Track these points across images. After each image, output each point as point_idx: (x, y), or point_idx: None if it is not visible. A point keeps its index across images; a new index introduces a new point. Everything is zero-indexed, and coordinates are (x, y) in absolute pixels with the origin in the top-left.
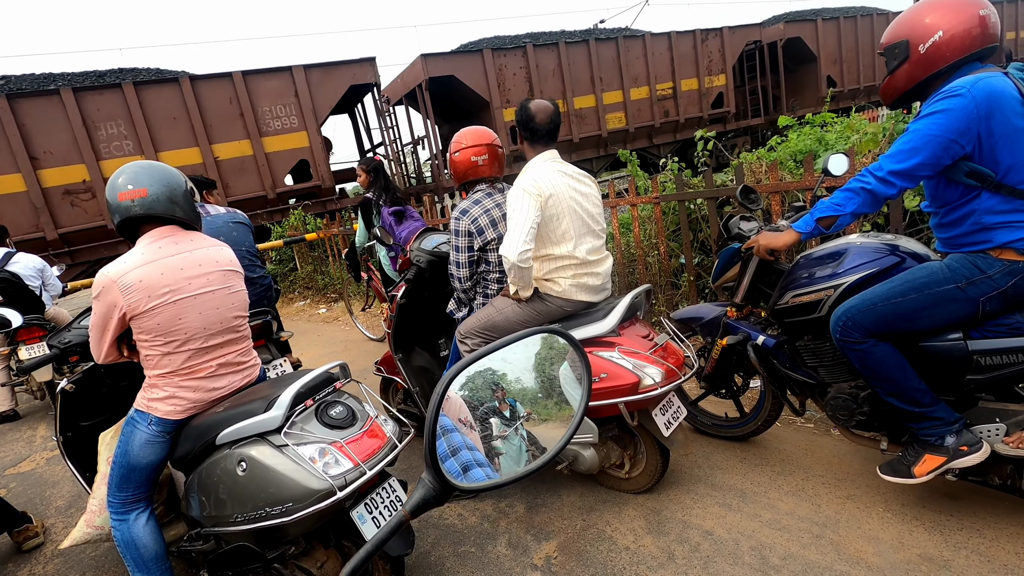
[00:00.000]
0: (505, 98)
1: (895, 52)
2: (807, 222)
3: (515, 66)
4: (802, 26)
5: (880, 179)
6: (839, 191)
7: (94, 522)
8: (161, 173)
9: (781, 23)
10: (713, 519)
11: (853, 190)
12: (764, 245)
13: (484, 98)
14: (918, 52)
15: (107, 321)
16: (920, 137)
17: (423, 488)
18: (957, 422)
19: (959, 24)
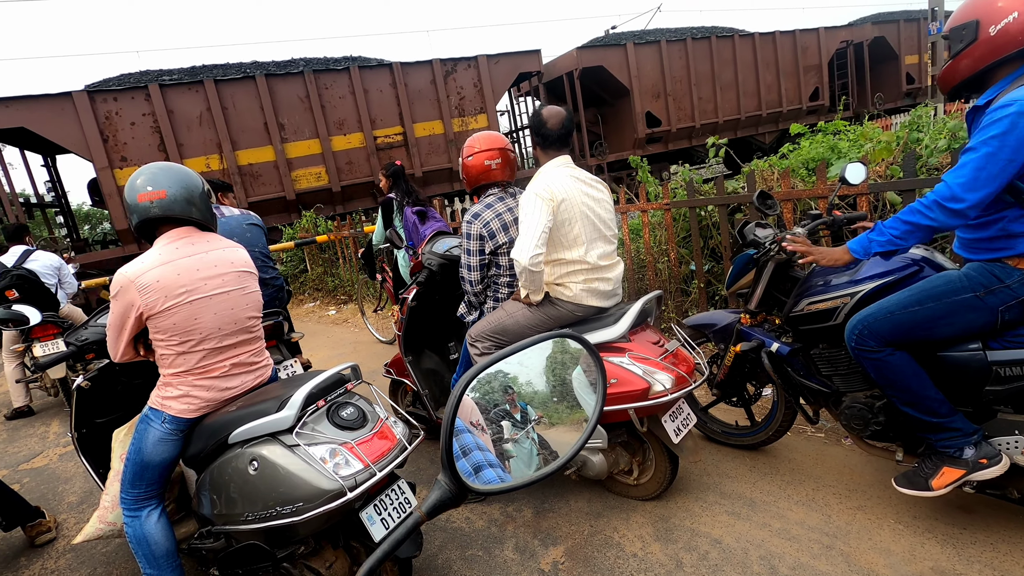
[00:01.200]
0: (641, 86)
1: (962, 33)
2: (865, 250)
3: (651, 57)
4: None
5: (954, 212)
6: (900, 222)
7: (106, 518)
8: (179, 175)
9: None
10: (722, 527)
11: (917, 225)
12: (820, 259)
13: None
14: (987, 34)
15: (124, 320)
16: (995, 163)
17: (439, 489)
18: (975, 434)
19: None
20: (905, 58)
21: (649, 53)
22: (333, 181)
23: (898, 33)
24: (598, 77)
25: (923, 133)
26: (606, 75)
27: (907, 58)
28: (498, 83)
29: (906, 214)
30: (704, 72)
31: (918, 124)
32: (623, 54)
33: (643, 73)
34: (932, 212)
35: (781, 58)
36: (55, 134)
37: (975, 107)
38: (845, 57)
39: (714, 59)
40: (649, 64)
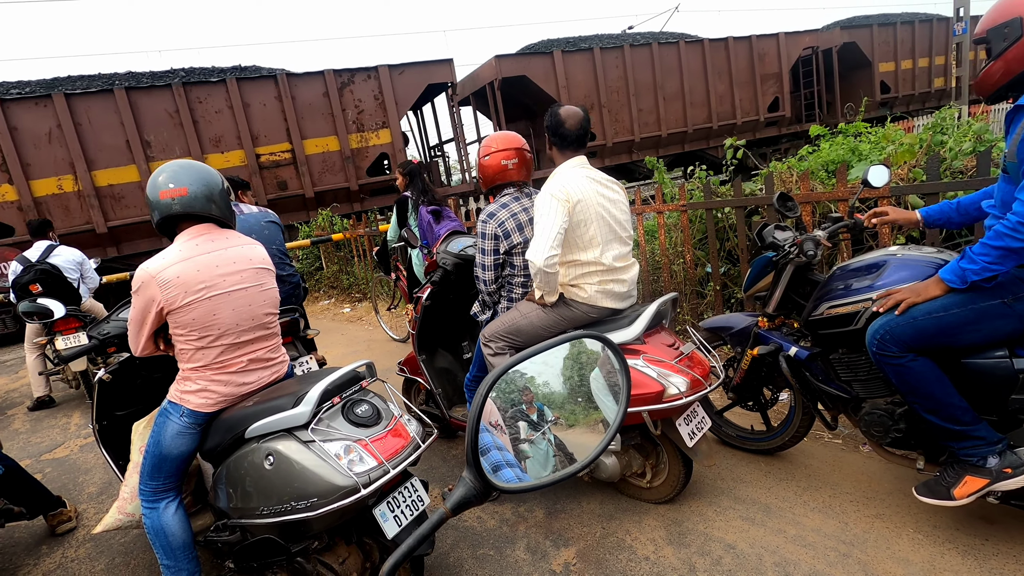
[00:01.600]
0: (571, 97)
1: (1004, 32)
2: (962, 279)
3: (582, 67)
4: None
5: None
6: (990, 248)
7: (125, 509)
8: (200, 172)
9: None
10: (736, 532)
11: (1009, 248)
12: (917, 300)
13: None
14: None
15: (145, 315)
16: None
17: (463, 487)
18: (1000, 442)
19: None
20: (879, 65)
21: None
22: None
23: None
24: (526, 88)
25: (947, 136)
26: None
27: (881, 65)
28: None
29: (994, 239)
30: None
31: (942, 127)
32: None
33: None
34: (1020, 233)
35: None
36: None
37: (1017, 106)
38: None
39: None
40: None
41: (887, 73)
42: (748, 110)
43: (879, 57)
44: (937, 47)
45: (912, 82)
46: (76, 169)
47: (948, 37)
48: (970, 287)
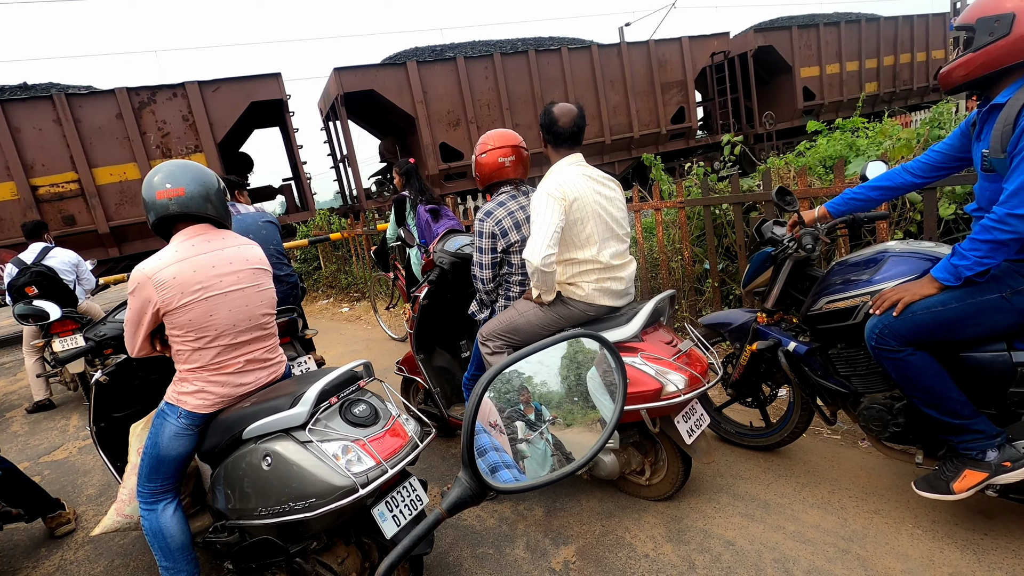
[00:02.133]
0: (430, 112)
1: (993, 25)
2: (956, 276)
3: (444, 78)
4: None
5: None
6: (978, 243)
7: (124, 511)
8: (197, 172)
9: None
10: (735, 529)
11: (998, 241)
12: (912, 299)
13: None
14: (1021, 30)
15: (141, 316)
16: None
17: (460, 487)
18: (999, 436)
19: None
20: (801, 71)
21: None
22: None
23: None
24: (378, 103)
25: (944, 131)
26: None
27: (803, 70)
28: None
29: (981, 233)
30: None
31: (939, 121)
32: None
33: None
34: (1007, 225)
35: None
36: None
37: (993, 105)
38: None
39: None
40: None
41: (810, 79)
42: (647, 122)
43: (801, 62)
44: (868, 50)
45: (840, 87)
46: None
47: (879, 38)
48: (965, 282)
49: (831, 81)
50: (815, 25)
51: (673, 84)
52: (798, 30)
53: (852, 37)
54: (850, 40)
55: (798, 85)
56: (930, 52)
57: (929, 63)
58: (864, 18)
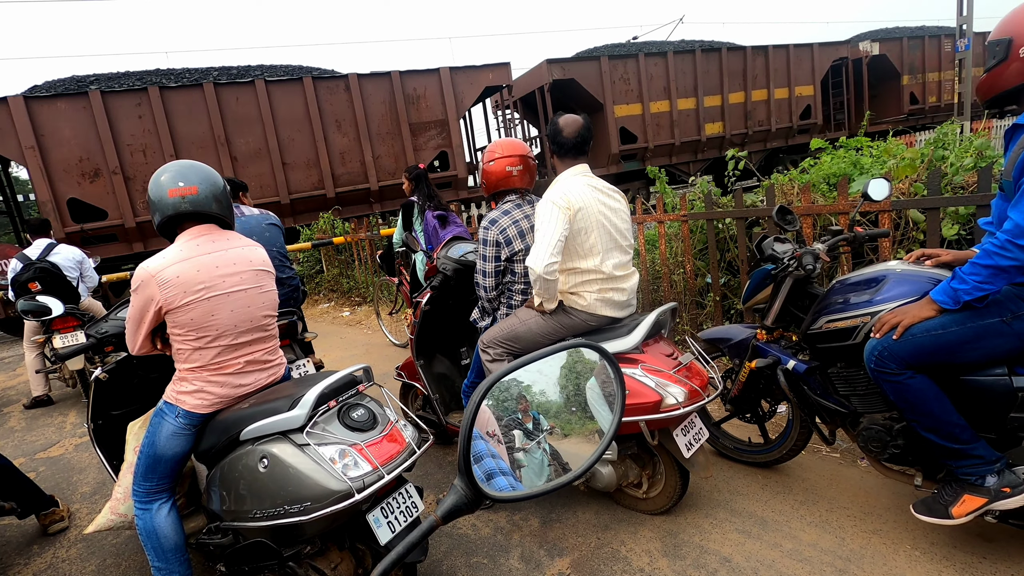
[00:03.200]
0: (615, 101)
1: (996, 49)
2: (955, 300)
3: (626, 72)
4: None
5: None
6: (979, 267)
7: (118, 509)
8: (207, 172)
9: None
10: (732, 545)
11: (999, 267)
12: (912, 321)
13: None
14: (1018, 55)
15: (144, 314)
16: None
17: (455, 495)
18: (999, 461)
19: None
20: (905, 77)
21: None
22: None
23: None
24: (572, 91)
25: (948, 151)
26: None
27: (906, 77)
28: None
29: (983, 258)
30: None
31: (944, 142)
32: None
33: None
34: (1009, 252)
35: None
36: None
37: (1015, 125)
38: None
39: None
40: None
41: (914, 85)
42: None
43: (906, 69)
44: None
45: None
46: None
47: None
48: (964, 306)
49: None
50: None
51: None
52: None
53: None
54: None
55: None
56: None
57: None
58: None
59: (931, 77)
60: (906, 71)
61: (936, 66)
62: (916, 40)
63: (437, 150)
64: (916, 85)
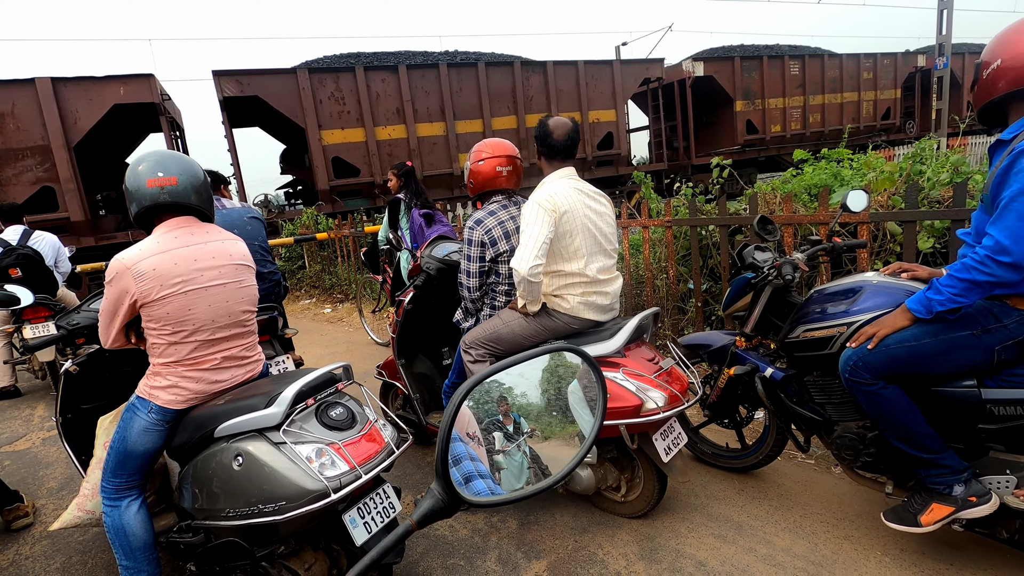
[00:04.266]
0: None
1: (976, 69)
2: (928, 309)
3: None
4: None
5: (1008, 265)
6: (956, 280)
7: (85, 506)
8: (187, 163)
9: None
10: (707, 550)
11: (975, 281)
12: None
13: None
14: (983, 75)
15: (118, 307)
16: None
17: (431, 499)
18: (966, 471)
19: (1020, 55)
20: None
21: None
22: None
23: (963, 65)
24: (707, 87)
25: (926, 165)
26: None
27: None
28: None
29: (960, 271)
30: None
31: (921, 156)
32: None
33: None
34: (986, 267)
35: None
36: None
37: (999, 140)
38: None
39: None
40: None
41: None
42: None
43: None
44: None
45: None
46: None
47: None
48: (937, 318)
49: None
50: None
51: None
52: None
53: None
54: None
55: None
56: None
57: None
58: None
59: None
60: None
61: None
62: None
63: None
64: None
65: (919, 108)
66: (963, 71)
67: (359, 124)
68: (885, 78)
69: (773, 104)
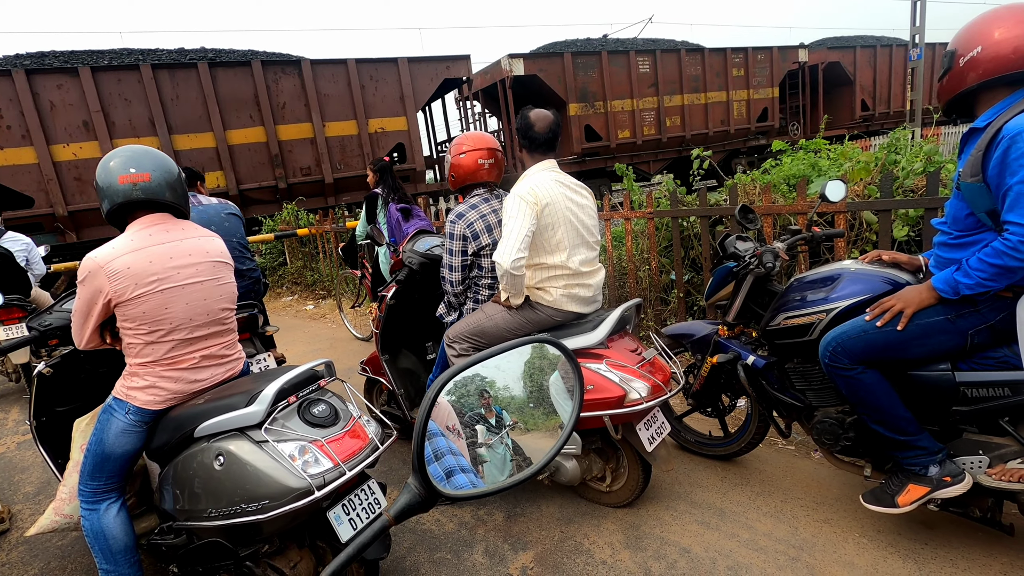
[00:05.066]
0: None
1: (944, 60)
2: (955, 290)
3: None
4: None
5: None
6: (987, 264)
7: (63, 510)
8: (160, 159)
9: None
10: (691, 536)
11: (1006, 267)
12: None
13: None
14: (958, 64)
15: (91, 306)
16: None
17: (408, 493)
18: (940, 452)
19: (1000, 41)
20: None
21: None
22: None
23: (854, 60)
24: (534, 87)
25: (900, 155)
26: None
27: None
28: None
29: (992, 256)
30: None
31: (896, 147)
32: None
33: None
34: (1020, 253)
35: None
36: None
37: (972, 128)
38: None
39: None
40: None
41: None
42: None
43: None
44: None
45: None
46: None
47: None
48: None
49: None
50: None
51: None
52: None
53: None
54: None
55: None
56: None
57: None
58: None
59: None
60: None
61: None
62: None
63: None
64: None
65: (807, 107)
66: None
67: (25, 142)
68: (760, 75)
69: (619, 107)
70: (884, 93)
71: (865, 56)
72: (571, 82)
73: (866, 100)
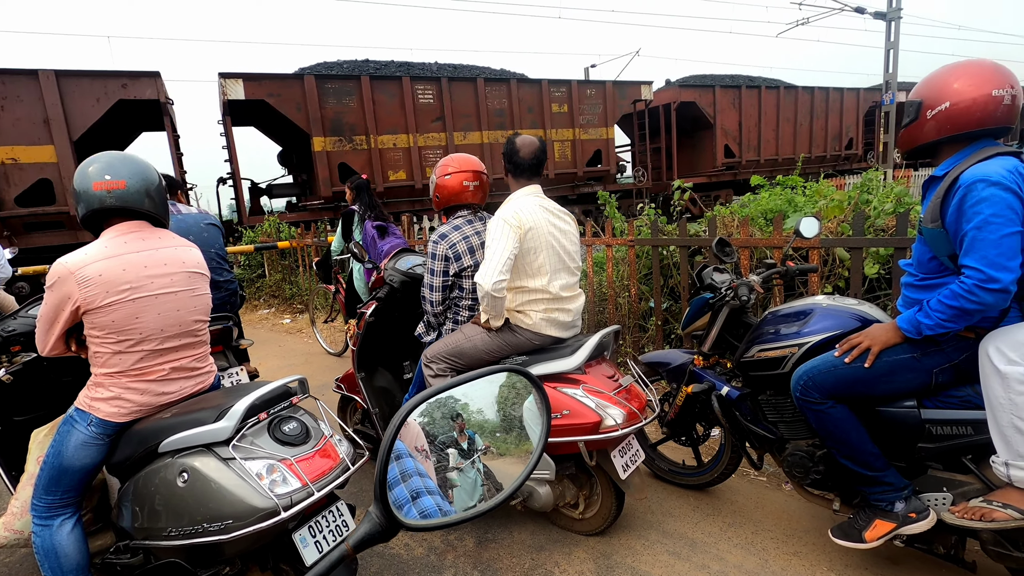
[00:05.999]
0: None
1: (910, 109)
2: (917, 330)
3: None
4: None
5: (995, 291)
6: (945, 306)
7: (13, 525)
8: (138, 166)
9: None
10: (662, 567)
11: (963, 309)
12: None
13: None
14: (925, 116)
15: (58, 313)
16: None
17: (369, 522)
18: (906, 488)
19: (967, 100)
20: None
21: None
22: None
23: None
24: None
25: (872, 195)
26: (696, 110)
27: None
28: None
29: (950, 299)
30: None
31: (868, 187)
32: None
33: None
34: (975, 296)
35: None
36: None
37: (932, 176)
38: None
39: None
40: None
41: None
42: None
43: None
44: None
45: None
46: None
47: None
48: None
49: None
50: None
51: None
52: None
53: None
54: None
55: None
56: None
57: None
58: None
59: None
60: None
61: None
62: None
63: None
64: None
65: (662, 151)
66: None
67: None
68: (590, 113)
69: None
70: (752, 138)
71: (727, 97)
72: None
73: (730, 145)
